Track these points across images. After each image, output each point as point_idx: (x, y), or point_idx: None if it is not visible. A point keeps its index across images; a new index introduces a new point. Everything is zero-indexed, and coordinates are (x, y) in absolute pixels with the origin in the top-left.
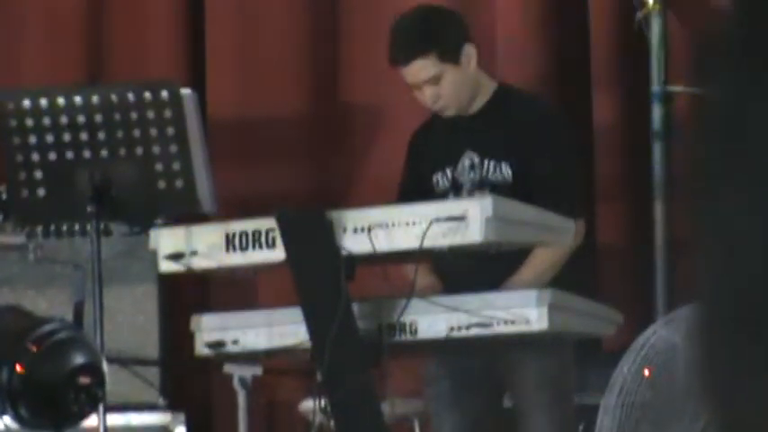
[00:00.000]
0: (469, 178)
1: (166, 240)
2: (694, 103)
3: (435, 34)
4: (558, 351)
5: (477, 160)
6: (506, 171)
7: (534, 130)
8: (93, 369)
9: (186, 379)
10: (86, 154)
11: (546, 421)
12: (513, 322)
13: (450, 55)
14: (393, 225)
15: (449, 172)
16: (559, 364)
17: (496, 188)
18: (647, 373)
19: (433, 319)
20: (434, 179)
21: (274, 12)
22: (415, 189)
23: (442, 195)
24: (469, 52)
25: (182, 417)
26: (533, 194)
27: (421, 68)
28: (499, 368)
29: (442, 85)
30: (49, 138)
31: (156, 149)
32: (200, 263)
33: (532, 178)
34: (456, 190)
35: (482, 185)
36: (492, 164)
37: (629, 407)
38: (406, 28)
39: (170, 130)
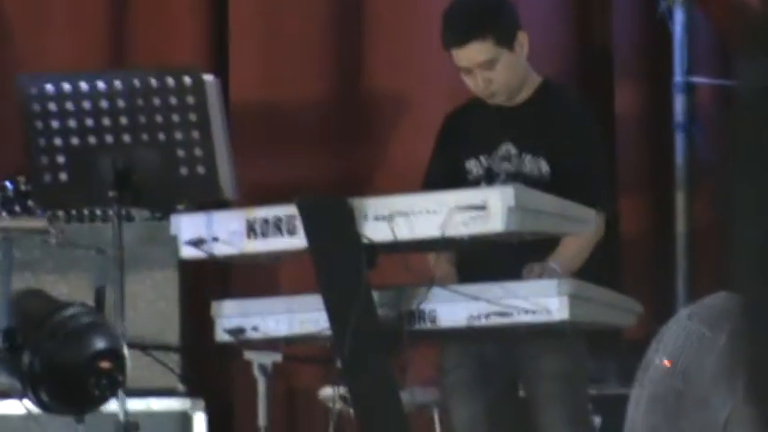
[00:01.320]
0: (504, 168)
1: (187, 226)
2: (728, 90)
3: (493, 18)
4: (573, 343)
5: (514, 152)
6: (544, 167)
7: (572, 127)
8: (113, 354)
9: (206, 365)
10: (109, 139)
11: (559, 413)
12: (533, 312)
13: (506, 40)
14: (414, 213)
15: (483, 160)
16: (573, 357)
17: (532, 182)
18: (667, 363)
19: (454, 308)
20: (468, 165)
21: None
22: (445, 174)
23: (475, 182)
24: (522, 39)
25: (201, 403)
26: (566, 189)
27: (477, 51)
28: (514, 359)
29: (496, 69)
30: (72, 122)
31: (178, 135)
32: (221, 249)
33: (567, 174)
34: (490, 179)
35: (517, 178)
36: (529, 158)
37: (659, 398)
38: (462, 11)
39: (192, 116)
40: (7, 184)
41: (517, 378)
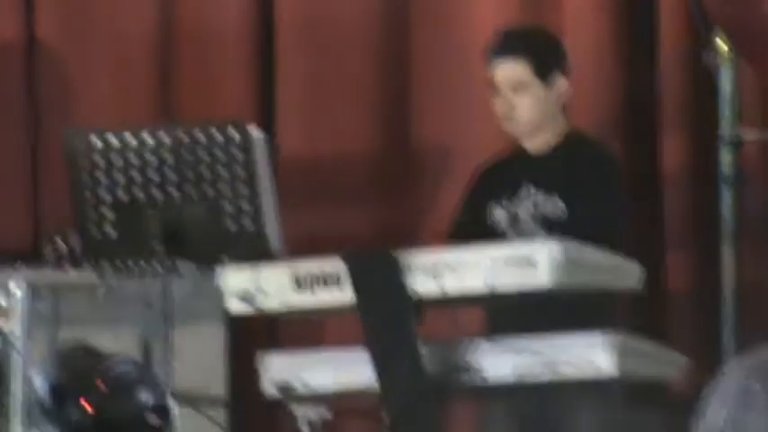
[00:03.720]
0: (527, 211)
1: (234, 280)
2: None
3: (538, 45)
4: (611, 397)
5: (537, 196)
6: (561, 206)
7: (590, 172)
8: (161, 408)
9: (253, 419)
10: (156, 193)
11: None
12: (580, 366)
13: (543, 72)
14: (461, 267)
15: (508, 206)
16: (612, 411)
17: (552, 223)
18: (722, 421)
19: (501, 362)
20: (492, 212)
21: (345, 54)
22: (468, 223)
23: (498, 228)
24: (561, 83)
25: None
26: (577, 231)
27: (511, 69)
28: (553, 413)
29: (522, 96)
30: (119, 177)
31: (225, 190)
32: (267, 303)
33: (577, 216)
34: (513, 224)
35: (539, 221)
36: (549, 199)
37: None
38: (514, 30)
39: (239, 171)
40: (59, 240)
41: None
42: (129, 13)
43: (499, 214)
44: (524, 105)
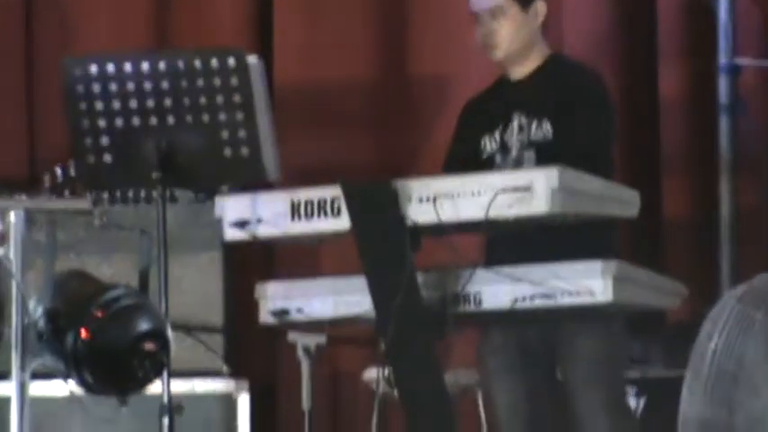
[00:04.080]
0: (518, 139)
1: (232, 208)
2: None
3: None
4: (610, 326)
5: (524, 121)
6: (547, 128)
7: (576, 93)
8: (157, 335)
9: (250, 347)
10: (153, 120)
11: (594, 397)
12: (577, 294)
13: None
14: (458, 195)
15: (497, 134)
16: (609, 340)
17: (539, 147)
18: (721, 348)
19: (498, 290)
20: (482, 142)
21: None
22: (461, 156)
23: (489, 159)
24: (539, 8)
25: (245, 384)
26: (562, 152)
27: None
28: (553, 342)
29: (500, 22)
30: (116, 104)
31: (222, 117)
32: (265, 230)
33: (563, 136)
34: (503, 152)
35: (528, 146)
36: (535, 123)
37: (715, 384)
38: None
39: (236, 98)
40: (58, 169)
41: (555, 361)
42: None
43: (489, 143)
44: (503, 31)
